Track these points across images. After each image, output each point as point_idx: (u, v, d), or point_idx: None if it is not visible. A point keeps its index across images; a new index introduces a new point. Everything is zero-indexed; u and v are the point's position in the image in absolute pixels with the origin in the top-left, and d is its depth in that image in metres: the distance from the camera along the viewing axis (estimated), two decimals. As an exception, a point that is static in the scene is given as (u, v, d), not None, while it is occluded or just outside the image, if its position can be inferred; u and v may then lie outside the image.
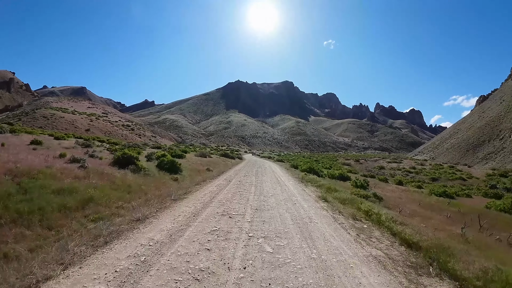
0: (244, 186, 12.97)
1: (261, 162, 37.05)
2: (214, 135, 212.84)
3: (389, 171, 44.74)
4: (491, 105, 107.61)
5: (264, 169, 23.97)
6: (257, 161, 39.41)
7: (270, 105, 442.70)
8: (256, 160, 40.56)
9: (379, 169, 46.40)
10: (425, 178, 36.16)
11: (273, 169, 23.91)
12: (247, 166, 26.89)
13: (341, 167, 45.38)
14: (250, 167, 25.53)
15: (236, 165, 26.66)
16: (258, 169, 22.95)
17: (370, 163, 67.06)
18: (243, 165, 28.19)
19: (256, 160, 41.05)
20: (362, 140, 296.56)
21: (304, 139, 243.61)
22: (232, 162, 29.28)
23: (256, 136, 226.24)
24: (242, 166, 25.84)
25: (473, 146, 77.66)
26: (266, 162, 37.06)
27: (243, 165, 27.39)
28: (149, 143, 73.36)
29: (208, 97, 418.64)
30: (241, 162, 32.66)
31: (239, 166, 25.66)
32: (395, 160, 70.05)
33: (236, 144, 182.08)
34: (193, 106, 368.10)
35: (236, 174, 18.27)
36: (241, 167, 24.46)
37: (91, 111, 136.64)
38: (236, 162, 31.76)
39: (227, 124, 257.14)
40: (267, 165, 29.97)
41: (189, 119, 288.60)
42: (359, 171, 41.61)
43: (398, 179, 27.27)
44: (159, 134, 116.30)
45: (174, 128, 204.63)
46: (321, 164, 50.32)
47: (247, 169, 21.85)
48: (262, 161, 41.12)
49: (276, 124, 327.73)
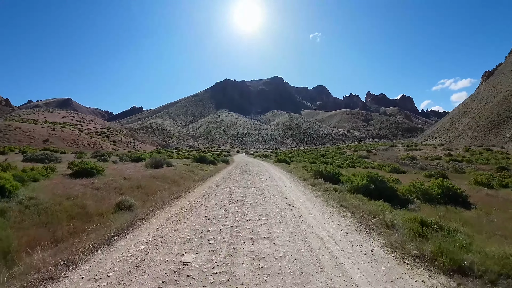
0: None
1: (255, 165, 26.07)
2: (203, 136, 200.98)
3: (423, 161, 34.29)
4: (501, 79, 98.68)
5: (263, 186, 12.97)
6: (249, 164, 28.49)
7: (261, 101, 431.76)
8: (248, 163, 29.70)
9: (409, 160, 35.92)
10: (489, 168, 25.83)
11: (286, 190, 12.53)
12: (230, 179, 15.81)
13: (361, 161, 34.82)
14: (236, 182, 14.44)
15: (208, 179, 15.51)
16: (251, 189, 11.93)
17: (385, 153, 56.95)
18: (222, 177, 17.01)
19: (248, 163, 30.06)
20: (358, 129, 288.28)
21: (299, 133, 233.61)
22: (206, 173, 18.40)
23: (249, 134, 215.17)
24: (218, 181, 14.81)
25: (495, 125, 68.23)
26: (263, 166, 26.06)
27: (222, 178, 16.24)
28: (115, 151, 62.48)
29: (196, 98, 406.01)
30: (223, 170, 21.73)
31: (212, 181, 14.59)
32: (414, 147, 60.07)
33: (228, 144, 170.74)
34: (181, 109, 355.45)
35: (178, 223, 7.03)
36: (214, 184, 13.63)
37: (66, 120, 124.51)
38: (216, 169, 20.85)
39: (217, 124, 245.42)
40: (265, 174, 18.96)
41: (177, 122, 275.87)
42: (386, 164, 31.18)
43: (477, 177, 16.75)
44: (139, 139, 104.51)
45: (160, 132, 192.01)
46: (332, 159, 39.76)
47: (223, 196, 10.29)
48: (257, 163, 30.12)
49: (268, 120, 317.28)
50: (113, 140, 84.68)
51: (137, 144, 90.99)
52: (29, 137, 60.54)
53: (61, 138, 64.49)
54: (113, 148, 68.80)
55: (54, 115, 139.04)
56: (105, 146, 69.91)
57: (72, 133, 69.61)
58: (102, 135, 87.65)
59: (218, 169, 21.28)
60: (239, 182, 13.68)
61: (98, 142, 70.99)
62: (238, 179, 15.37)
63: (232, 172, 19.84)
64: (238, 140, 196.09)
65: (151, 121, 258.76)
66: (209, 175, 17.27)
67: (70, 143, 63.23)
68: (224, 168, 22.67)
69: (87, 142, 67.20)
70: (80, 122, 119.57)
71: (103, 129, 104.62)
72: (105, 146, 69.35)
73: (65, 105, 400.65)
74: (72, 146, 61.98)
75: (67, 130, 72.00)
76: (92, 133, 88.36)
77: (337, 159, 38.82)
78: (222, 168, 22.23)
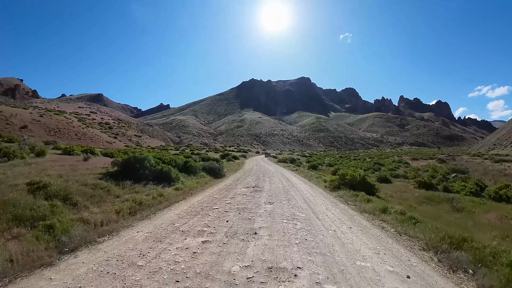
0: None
1: (277, 192, 11.32)
2: (224, 134, 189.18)
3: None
4: None
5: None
6: (260, 178, 14.31)
7: (287, 102, 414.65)
8: (264, 174, 15.53)
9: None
10: None
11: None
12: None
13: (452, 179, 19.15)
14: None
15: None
16: None
17: (463, 163, 40.22)
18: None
19: (261, 175, 15.90)
20: (393, 135, 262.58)
21: (328, 136, 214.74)
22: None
23: (273, 134, 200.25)
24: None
25: None
26: (296, 190, 11.66)
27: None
28: (108, 144, 50.68)
29: (222, 97, 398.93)
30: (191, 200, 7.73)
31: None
32: (502, 158, 42.56)
33: (248, 143, 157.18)
34: (206, 107, 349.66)
35: None
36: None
37: (80, 111, 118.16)
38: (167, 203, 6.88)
39: (239, 123, 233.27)
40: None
41: (201, 120, 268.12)
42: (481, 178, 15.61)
43: None
44: (149, 134, 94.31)
45: (180, 128, 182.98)
46: (388, 166, 24.29)
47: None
48: (277, 180, 15.25)
49: (294, 121, 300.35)
50: (115, 132, 74.23)
51: (143, 139, 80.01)
52: (6, 122, 50.88)
53: (45, 126, 54.44)
54: (108, 141, 57.46)
55: (69, 106, 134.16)
56: (99, 137, 58.80)
57: (61, 121, 59.28)
58: (105, 126, 77.84)
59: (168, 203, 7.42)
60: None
61: (92, 133, 60.16)
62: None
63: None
64: (261, 140, 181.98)
65: (173, 117, 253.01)
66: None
67: (53, 131, 52.88)
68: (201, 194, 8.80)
69: (76, 131, 56.49)
70: (92, 112, 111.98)
71: (113, 120, 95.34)
72: (98, 138, 58.22)
73: (96, 100, 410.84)
74: (54, 136, 51.46)
75: (57, 117, 61.86)
76: (95, 124, 78.66)
77: (411, 171, 23.26)
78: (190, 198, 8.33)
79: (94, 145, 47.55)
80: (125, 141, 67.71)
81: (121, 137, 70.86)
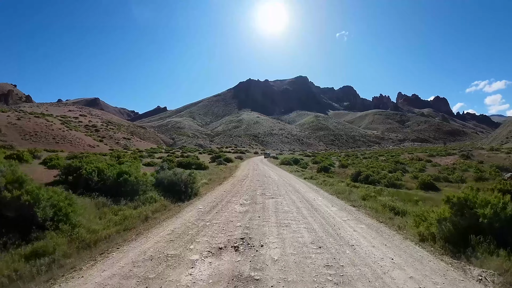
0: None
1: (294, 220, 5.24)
2: (221, 135, 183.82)
3: None
4: None
5: None
6: (266, 193, 9.41)
7: (285, 102, 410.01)
8: (265, 188, 10.82)
9: None
10: None
11: None
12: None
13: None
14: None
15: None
16: None
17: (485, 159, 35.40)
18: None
19: (266, 190, 10.96)
20: (394, 131, 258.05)
21: (328, 134, 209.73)
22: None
23: (272, 134, 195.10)
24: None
25: None
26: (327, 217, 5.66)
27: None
28: (90, 148, 45.71)
29: (219, 98, 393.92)
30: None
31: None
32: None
33: (247, 144, 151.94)
34: (203, 108, 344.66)
35: None
36: None
37: (70, 114, 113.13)
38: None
39: (237, 123, 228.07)
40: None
41: (198, 121, 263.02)
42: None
43: None
44: (141, 136, 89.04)
45: (175, 130, 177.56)
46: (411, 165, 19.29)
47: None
48: (292, 192, 10.02)
49: (292, 120, 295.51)
50: (102, 135, 68.95)
51: (132, 141, 74.69)
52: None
53: (21, 129, 49.49)
54: (90, 145, 52.29)
55: (59, 109, 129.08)
56: (80, 141, 53.62)
57: (40, 124, 54.13)
58: (91, 129, 72.52)
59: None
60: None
61: (73, 136, 55.02)
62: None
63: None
64: (259, 140, 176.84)
65: (168, 119, 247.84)
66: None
67: (29, 135, 47.93)
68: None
69: (55, 135, 51.44)
70: (81, 115, 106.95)
71: (101, 123, 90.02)
72: (80, 141, 53.07)
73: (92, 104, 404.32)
74: (30, 139, 46.63)
75: (36, 120, 56.72)
76: (80, 127, 73.42)
77: (444, 170, 18.25)
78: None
79: (72, 149, 42.44)
80: (112, 144, 62.49)
81: (108, 140, 65.60)
